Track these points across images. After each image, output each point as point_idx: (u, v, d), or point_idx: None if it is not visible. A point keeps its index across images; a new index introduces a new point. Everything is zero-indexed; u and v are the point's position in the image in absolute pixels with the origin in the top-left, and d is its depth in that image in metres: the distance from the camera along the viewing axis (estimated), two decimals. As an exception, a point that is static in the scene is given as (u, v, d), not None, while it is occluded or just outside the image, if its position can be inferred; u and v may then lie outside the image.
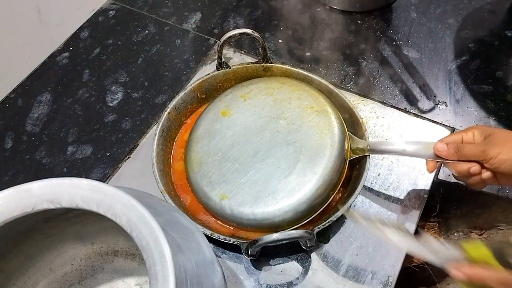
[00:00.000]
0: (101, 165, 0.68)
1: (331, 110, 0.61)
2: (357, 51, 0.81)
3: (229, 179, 0.58)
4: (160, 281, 0.30)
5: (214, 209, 0.58)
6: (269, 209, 0.55)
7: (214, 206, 0.57)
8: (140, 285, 0.51)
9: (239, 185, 0.57)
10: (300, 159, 0.57)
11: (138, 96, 0.76)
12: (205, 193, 0.58)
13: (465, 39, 0.82)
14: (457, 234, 0.82)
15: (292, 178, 0.56)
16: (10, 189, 0.35)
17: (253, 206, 0.56)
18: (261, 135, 0.61)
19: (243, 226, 0.57)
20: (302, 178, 0.56)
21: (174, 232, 0.39)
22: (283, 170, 0.57)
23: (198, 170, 0.60)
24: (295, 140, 0.59)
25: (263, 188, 0.57)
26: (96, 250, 0.50)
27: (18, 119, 0.74)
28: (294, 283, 0.57)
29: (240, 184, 0.57)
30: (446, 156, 0.52)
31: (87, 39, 0.84)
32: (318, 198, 0.56)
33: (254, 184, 0.57)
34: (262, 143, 0.60)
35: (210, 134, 0.63)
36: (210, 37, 0.84)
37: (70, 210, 0.35)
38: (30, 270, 0.46)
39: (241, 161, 0.59)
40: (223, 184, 0.58)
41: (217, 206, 0.57)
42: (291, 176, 0.56)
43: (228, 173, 0.59)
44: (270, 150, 0.59)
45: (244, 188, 0.57)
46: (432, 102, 0.74)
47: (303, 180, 0.56)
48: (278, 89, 0.65)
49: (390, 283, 0.57)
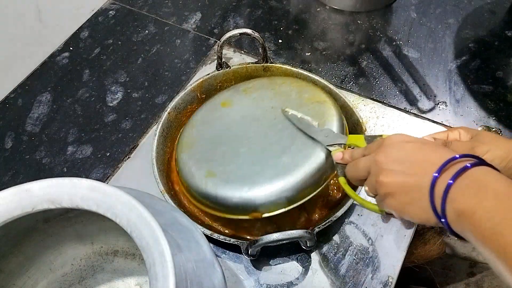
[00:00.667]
0: (101, 165, 0.68)
1: (331, 102, 0.59)
2: (357, 51, 0.81)
3: (218, 159, 0.56)
4: (160, 281, 0.30)
5: (197, 188, 0.55)
6: (256, 190, 0.52)
7: (198, 184, 0.55)
8: (140, 285, 0.51)
9: (228, 164, 0.55)
10: (294, 143, 0.55)
11: (138, 96, 0.76)
12: (191, 171, 0.56)
13: (465, 39, 0.82)
14: (457, 234, 0.82)
15: (284, 160, 0.54)
16: (10, 189, 0.35)
17: (240, 186, 0.53)
18: (257, 122, 0.59)
19: (225, 208, 0.54)
20: (294, 160, 0.54)
21: (174, 232, 0.39)
22: (275, 152, 0.55)
23: (188, 151, 0.58)
24: (292, 126, 0.57)
25: (252, 169, 0.54)
26: (96, 250, 0.50)
27: (18, 119, 0.74)
28: (294, 283, 0.57)
29: (229, 163, 0.55)
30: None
31: (87, 39, 0.84)
32: (309, 181, 0.53)
33: (244, 164, 0.55)
34: (258, 129, 0.59)
35: (207, 121, 0.62)
36: (210, 37, 0.84)
37: (70, 210, 0.35)
38: (30, 270, 0.46)
39: (234, 144, 0.57)
40: (211, 162, 0.56)
41: (201, 184, 0.54)
42: (283, 157, 0.54)
43: (219, 154, 0.57)
44: (265, 135, 0.58)
45: (233, 168, 0.55)
46: (432, 102, 0.74)
47: (295, 162, 0.53)
48: (280, 84, 0.64)
49: (390, 283, 0.57)
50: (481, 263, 0.81)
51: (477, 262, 0.81)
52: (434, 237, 0.76)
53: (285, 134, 0.57)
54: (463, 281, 0.82)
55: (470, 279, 0.81)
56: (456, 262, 0.83)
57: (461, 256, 0.82)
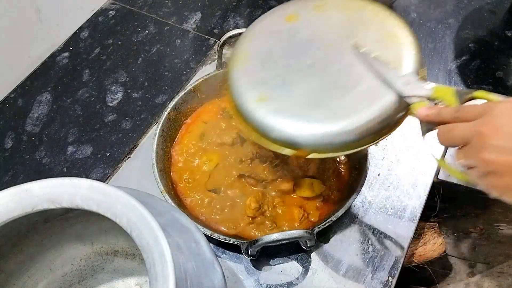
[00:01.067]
0: (101, 165, 0.68)
1: (415, 43, 0.49)
2: (357, 51, 0.81)
3: (273, 84, 0.50)
4: (160, 281, 0.30)
5: (245, 111, 0.50)
6: (309, 127, 0.47)
7: (246, 106, 0.50)
8: (140, 285, 0.51)
9: (283, 91, 0.49)
10: (361, 84, 0.47)
11: (138, 96, 0.76)
12: (241, 92, 0.51)
13: (465, 39, 0.82)
14: (457, 234, 0.82)
15: (346, 101, 0.47)
16: (10, 189, 0.35)
17: (293, 120, 0.47)
18: (325, 50, 0.51)
19: (272, 138, 0.49)
20: (357, 103, 0.46)
21: (174, 232, 0.39)
22: (338, 90, 0.48)
23: (242, 67, 0.52)
24: (363, 63, 0.48)
25: (309, 101, 0.48)
26: (96, 250, 0.50)
27: (18, 119, 0.74)
28: (294, 283, 0.57)
29: (285, 90, 0.49)
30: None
31: (87, 39, 0.84)
32: (371, 129, 0.46)
33: (302, 95, 0.48)
34: (324, 57, 0.51)
35: (267, 34, 0.54)
36: (210, 37, 0.84)
37: (70, 210, 0.35)
38: (30, 270, 0.46)
39: (293, 69, 0.50)
40: (265, 85, 0.50)
41: (250, 107, 0.49)
42: (345, 98, 0.47)
43: (274, 77, 0.51)
44: (330, 66, 0.50)
45: (288, 96, 0.49)
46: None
47: (358, 106, 0.46)
48: (358, 9, 0.54)
49: (390, 283, 0.57)
50: (481, 263, 0.81)
51: (477, 262, 0.81)
52: (434, 237, 0.76)
53: (354, 72, 0.48)
54: (463, 281, 0.82)
55: (470, 279, 0.81)
56: (456, 262, 0.83)
57: (461, 256, 0.82)
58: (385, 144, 0.68)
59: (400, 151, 0.68)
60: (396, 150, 0.68)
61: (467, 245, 0.81)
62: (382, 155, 0.67)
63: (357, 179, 0.59)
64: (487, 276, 0.80)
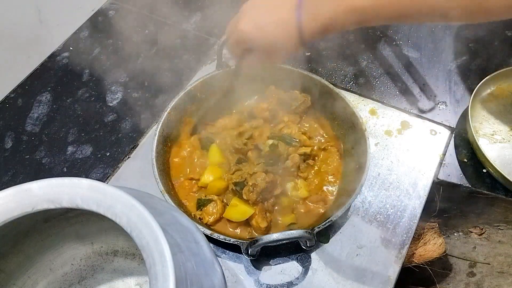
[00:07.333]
0: (101, 165, 0.68)
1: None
2: (357, 51, 0.81)
3: None
4: (160, 281, 0.30)
5: None
6: None
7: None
8: (140, 285, 0.51)
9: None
10: None
11: (138, 96, 0.76)
12: None
13: (465, 39, 0.82)
14: (457, 234, 0.82)
15: None
16: (10, 189, 0.35)
17: None
18: None
19: None
20: None
21: (174, 232, 0.39)
22: None
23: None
24: None
25: None
26: (96, 250, 0.50)
27: (18, 119, 0.74)
28: (294, 283, 0.57)
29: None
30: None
31: (87, 39, 0.84)
32: None
33: None
34: None
35: None
36: (210, 37, 0.84)
37: (70, 210, 0.35)
38: (30, 270, 0.46)
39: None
40: None
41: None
42: None
43: None
44: None
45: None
46: (432, 102, 0.74)
47: None
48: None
49: (390, 283, 0.57)
50: (481, 263, 0.81)
51: (477, 262, 0.81)
52: (434, 238, 0.76)
53: None
54: (463, 281, 0.82)
55: (470, 279, 0.81)
56: (456, 262, 0.83)
57: (461, 256, 0.82)
58: (385, 144, 0.68)
59: (400, 151, 0.68)
60: (396, 150, 0.68)
61: (467, 245, 0.81)
62: (382, 155, 0.67)
63: (357, 179, 0.58)
64: (487, 276, 0.80)
